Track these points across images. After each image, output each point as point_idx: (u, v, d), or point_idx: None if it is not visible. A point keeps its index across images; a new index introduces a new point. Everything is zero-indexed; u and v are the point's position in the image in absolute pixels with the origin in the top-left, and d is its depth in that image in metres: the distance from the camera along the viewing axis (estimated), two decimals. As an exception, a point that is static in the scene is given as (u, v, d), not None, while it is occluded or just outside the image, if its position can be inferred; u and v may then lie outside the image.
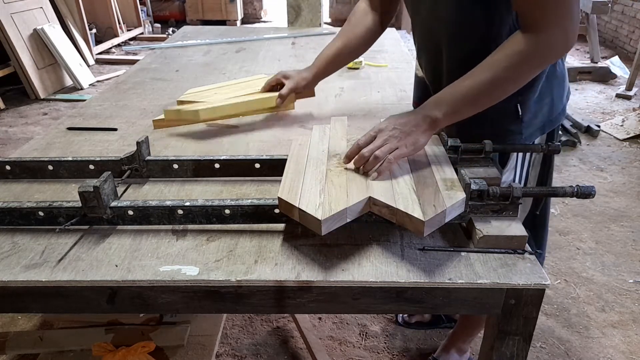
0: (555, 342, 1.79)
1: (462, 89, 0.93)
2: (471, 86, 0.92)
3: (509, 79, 0.92)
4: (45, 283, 0.78)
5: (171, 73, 1.89)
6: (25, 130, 3.67)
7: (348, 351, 1.75)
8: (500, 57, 0.91)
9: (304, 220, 0.83)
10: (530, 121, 1.09)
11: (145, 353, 1.46)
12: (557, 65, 1.11)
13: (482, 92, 0.92)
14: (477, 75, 0.92)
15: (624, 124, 3.61)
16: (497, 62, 0.91)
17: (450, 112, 0.93)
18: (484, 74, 0.91)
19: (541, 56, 0.90)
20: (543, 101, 1.09)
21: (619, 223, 2.51)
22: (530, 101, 1.08)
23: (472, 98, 0.93)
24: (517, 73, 0.92)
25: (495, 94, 0.94)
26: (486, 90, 0.92)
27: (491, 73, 0.91)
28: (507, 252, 0.83)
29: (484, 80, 0.91)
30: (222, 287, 0.79)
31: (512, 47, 0.90)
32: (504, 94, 0.94)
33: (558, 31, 0.88)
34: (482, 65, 0.92)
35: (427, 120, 0.93)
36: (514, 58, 0.89)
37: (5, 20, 3.94)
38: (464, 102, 0.93)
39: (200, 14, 7.08)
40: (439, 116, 0.93)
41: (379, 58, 2.06)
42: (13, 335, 1.58)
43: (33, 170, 1.07)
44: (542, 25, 0.87)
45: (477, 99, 0.93)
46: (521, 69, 0.91)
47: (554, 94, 1.11)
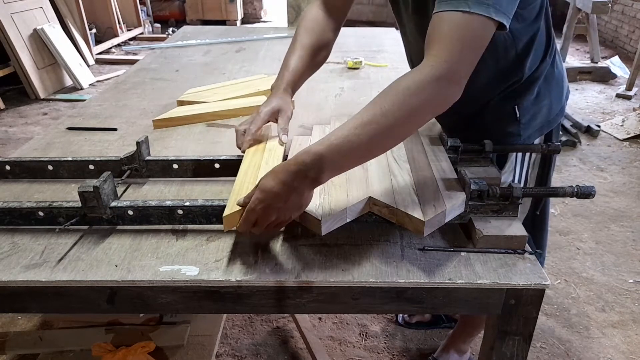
0: (556, 342, 1.79)
1: (352, 144, 0.76)
2: (363, 141, 0.76)
3: (405, 126, 0.79)
4: (45, 283, 0.78)
5: (171, 73, 1.89)
6: (25, 130, 3.66)
7: (348, 351, 1.75)
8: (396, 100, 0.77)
9: (304, 220, 0.83)
10: (529, 123, 1.09)
11: (145, 353, 1.46)
12: (555, 65, 1.11)
13: (374, 145, 0.79)
14: (369, 125, 0.77)
15: (624, 124, 3.61)
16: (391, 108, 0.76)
17: (334, 170, 0.79)
18: (377, 123, 0.76)
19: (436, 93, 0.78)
20: (541, 102, 1.09)
21: (619, 223, 2.51)
22: (528, 103, 1.08)
23: (362, 154, 0.80)
24: (412, 120, 0.79)
25: (388, 145, 0.82)
26: (378, 144, 0.79)
27: (385, 123, 0.76)
28: (507, 252, 0.83)
29: (377, 132, 0.76)
30: (222, 287, 0.79)
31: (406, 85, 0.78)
32: (397, 142, 0.83)
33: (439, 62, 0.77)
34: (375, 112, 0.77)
35: (307, 182, 0.78)
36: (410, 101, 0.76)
37: (5, 20, 3.94)
38: (352, 158, 0.79)
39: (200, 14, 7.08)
40: (322, 176, 0.78)
41: (379, 58, 2.05)
42: (13, 335, 1.58)
43: (33, 170, 1.07)
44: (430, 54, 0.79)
45: (367, 154, 0.81)
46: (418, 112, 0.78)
47: (552, 95, 1.11)
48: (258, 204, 0.77)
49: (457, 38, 0.78)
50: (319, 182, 0.78)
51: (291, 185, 0.77)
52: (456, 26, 0.78)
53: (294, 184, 0.77)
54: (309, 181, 0.77)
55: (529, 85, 1.07)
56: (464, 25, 0.78)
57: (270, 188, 0.77)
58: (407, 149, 1.03)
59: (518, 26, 0.99)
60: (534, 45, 1.03)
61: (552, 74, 1.10)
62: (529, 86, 1.07)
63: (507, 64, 1.05)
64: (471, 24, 0.78)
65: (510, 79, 1.07)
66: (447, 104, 0.80)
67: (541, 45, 1.05)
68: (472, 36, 0.79)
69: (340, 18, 1.20)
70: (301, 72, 1.13)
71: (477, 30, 0.79)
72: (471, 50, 0.79)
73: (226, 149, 1.23)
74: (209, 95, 1.54)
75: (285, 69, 1.12)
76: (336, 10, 1.18)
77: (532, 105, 1.08)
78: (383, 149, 0.82)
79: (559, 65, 1.13)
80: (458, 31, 0.78)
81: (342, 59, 1.97)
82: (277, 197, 0.77)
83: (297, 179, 0.77)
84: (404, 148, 1.04)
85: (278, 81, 1.12)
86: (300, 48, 1.15)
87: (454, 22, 0.78)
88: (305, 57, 1.14)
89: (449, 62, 0.77)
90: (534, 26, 1.01)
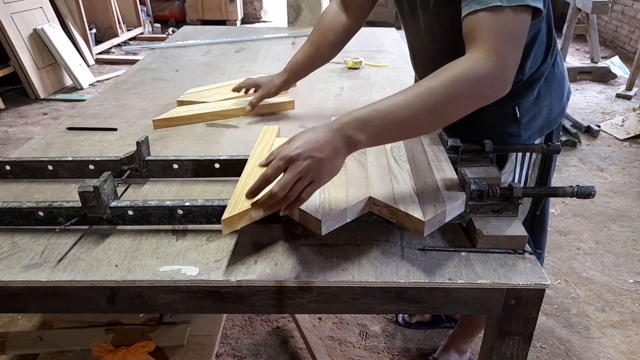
0: (556, 342, 1.79)
1: (395, 115, 0.76)
2: (406, 114, 0.76)
3: (449, 111, 0.80)
4: (45, 283, 0.78)
5: (171, 73, 1.89)
6: (25, 130, 3.66)
7: (348, 351, 1.75)
8: (444, 82, 0.78)
9: (304, 220, 0.83)
10: (529, 123, 1.09)
11: (145, 353, 1.46)
12: (556, 66, 1.11)
13: (416, 122, 0.78)
14: (414, 100, 0.77)
15: (624, 124, 3.60)
16: (438, 88, 0.77)
17: (374, 137, 0.77)
18: (422, 99, 0.77)
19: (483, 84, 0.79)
20: (542, 103, 1.09)
21: (619, 223, 2.51)
22: (529, 103, 1.07)
23: (403, 127, 0.78)
24: (456, 105, 0.80)
25: (429, 126, 0.82)
26: (420, 120, 0.79)
27: (430, 101, 0.77)
28: (507, 252, 0.83)
29: (421, 109, 0.77)
30: (222, 287, 0.79)
31: (455, 71, 0.79)
32: (438, 125, 0.84)
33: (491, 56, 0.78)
34: (422, 90, 0.78)
35: (347, 143, 0.75)
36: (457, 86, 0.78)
37: (5, 20, 3.94)
38: (393, 130, 0.78)
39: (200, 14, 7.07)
40: (361, 140, 0.76)
41: (379, 58, 2.05)
42: (13, 335, 1.58)
43: (33, 170, 1.07)
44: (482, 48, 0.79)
45: (408, 129, 0.80)
46: (463, 99, 0.79)
47: (553, 95, 1.11)
48: (295, 148, 0.71)
49: (501, 36, 0.79)
50: (356, 146, 0.76)
51: (332, 139, 0.73)
52: (496, 24, 0.80)
53: (334, 139, 0.74)
54: (348, 141, 0.75)
55: (529, 86, 1.06)
56: (504, 21, 0.79)
57: (311, 134, 0.73)
58: (407, 149, 1.03)
59: None
60: (535, 46, 1.03)
61: (553, 75, 1.09)
62: (530, 87, 1.07)
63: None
64: (510, 18, 0.79)
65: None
66: (493, 97, 0.82)
67: (542, 45, 1.05)
68: (513, 30, 0.80)
69: (357, 16, 1.27)
70: (301, 63, 1.32)
71: (515, 22, 0.80)
72: (516, 44, 0.81)
73: (226, 149, 1.23)
74: (209, 95, 1.54)
75: (292, 59, 1.34)
76: (352, 8, 1.26)
77: (533, 106, 1.08)
78: (422, 128, 0.82)
79: (560, 66, 1.12)
80: (500, 29, 0.80)
81: (342, 59, 1.97)
82: (316, 145, 0.72)
83: (337, 135, 0.74)
84: (404, 148, 1.04)
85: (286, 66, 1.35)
86: (307, 42, 1.31)
87: (493, 20, 0.80)
88: (308, 51, 1.30)
89: (498, 58, 0.78)
90: (535, 26, 1.01)
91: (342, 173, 0.92)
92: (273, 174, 0.72)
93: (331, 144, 0.73)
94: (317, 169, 0.72)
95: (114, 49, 5.67)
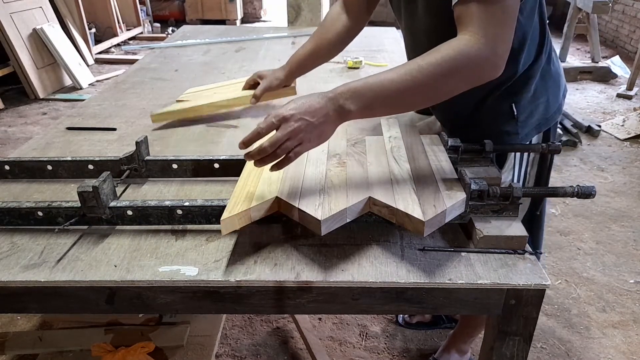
0: (556, 343, 1.79)
1: (385, 88, 0.81)
2: (396, 88, 0.81)
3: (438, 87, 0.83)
4: (44, 283, 0.78)
5: (171, 73, 1.88)
6: (24, 130, 3.66)
7: (348, 352, 1.74)
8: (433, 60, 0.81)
9: (304, 221, 0.82)
10: (526, 121, 1.08)
11: (144, 353, 1.46)
12: (551, 63, 1.10)
13: (405, 97, 0.83)
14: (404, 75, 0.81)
15: (624, 124, 3.60)
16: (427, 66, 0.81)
17: (364, 109, 0.82)
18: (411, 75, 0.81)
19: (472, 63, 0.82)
20: (538, 100, 1.09)
21: (619, 223, 2.51)
22: (525, 101, 1.07)
23: (393, 101, 0.83)
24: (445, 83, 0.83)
25: (418, 101, 0.86)
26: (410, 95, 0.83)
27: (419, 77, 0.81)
28: (508, 252, 0.82)
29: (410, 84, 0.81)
30: (222, 288, 0.78)
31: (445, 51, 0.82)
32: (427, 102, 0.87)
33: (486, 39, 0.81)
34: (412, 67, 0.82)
35: (338, 111, 0.81)
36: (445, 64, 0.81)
37: (5, 20, 3.94)
38: (383, 103, 0.83)
39: (200, 14, 7.07)
40: (352, 109, 0.81)
41: (379, 58, 2.05)
42: (13, 335, 1.58)
43: (32, 170, 1.07)
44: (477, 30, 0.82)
45: (397, 103, 0.85)
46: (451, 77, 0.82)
47: (550, 92, 1.10)
48: (289, 109, 0.78)
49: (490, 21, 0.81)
50: (347, 116, 0.82)
51: (325, 106, 0.80)
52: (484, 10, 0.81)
53: (327, 106, 0.80)
54: (340, 110, 0.81)
55: (525, 83, 1.06)
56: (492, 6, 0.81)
57: (305, 99, 0.80)
58: (407, 149, 1.03)
59: None
60: (528, 41, 1.03)
61: (549, 71, 1.09)
62: (526, 84, 1.06)
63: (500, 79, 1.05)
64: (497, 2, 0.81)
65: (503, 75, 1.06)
66: (485, 77, 0.85)
67: (534, 41, 1.05)
68: (502, 13, 0.82)
69: (356, 17, 1.28)
70: (304, 58, 1.33)
71: (504, 5, 0.82)
72: (505, 26, 0.83)
73: (226, 149, 1.23)
74: (208, 95, 1.54)
75: (294, 54, 1.35)
76: (351, 10, 1.27)
77: (529, 103, 1.08)
78: (411, 104, 0.87)
79: (556, 63, 1.12)
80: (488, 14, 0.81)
81: (342, 59, 1.97)
82: (309, 108, 0.79)
83: (330, 103, 0.80)
84: (404, 148, 1.04)
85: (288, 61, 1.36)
86: (310, 41, 1.32)
87: (481, 7, 0.81)
88: (310, 49, 1.31)
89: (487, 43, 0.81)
90: (528, 22, 1.01)
91: (342, 173, 0.92)
92: (265, 129, 0.79)
93: (323, 110, 0.80)
94: (307, 131, 0.79)
95: (113, 48, 5.67)
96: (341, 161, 0.98)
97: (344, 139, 1.08)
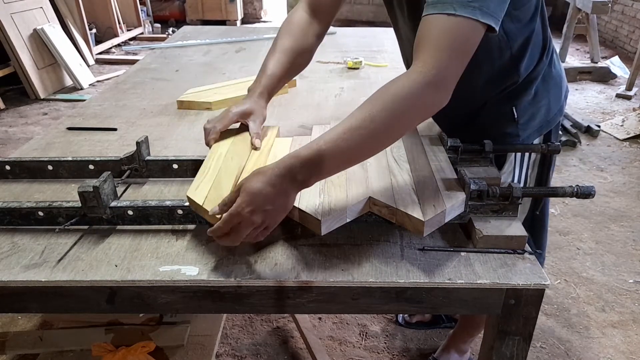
0: (556, 342, 1.79)
1: (339, 149, 0.76)
2: (350, 146, 0.77)
3: (393, 132, 0.80)
4: (44, 283, 0.78)
5: (171, 73, 1.89)
6: (25, 130, 3.66)
7: (348, 351, 1.75)
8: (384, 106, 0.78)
9: (304, 220, 0.83)
10: (527, 123, 1.09)
11: (145, 353, 1.46)
12: (553, 65, 1.11)
13: (362, 151, 0.79)
14: (357, 130, 0.77)
15: (624, 124, 3.60)
16: (378, 114, 0.77)
17: (323, 174, 0.79)
18: (365, 128, 0.77)
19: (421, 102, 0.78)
20: (540, 103, 1.09)
21: (619, 223, 2.51)
22: (526, 103, 1.07)
23: (351, 158, 0.80)
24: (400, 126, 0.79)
25: (375, 149, 0.81)
26: (366, 149, 0.80)
27: (372, 127, 0.77)
28: (507, 252, 0.83)
29: (364, 137, 0.77)
30: (222, 287, 0.79)
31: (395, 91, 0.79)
32: (385, 145, 0.83)
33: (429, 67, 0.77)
34: (364, 117, 0.77)
35: (296, 185, 0.77)
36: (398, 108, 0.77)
37: (5, 20, 3.94)
38: (340, 164, 0.79)
39: (200, 14, 7.07)
40: (310, 179, 0.78)
41: (379, 58, 2.05)
42: (13, 335, 1.58)
43: (33, 170, 1.07)
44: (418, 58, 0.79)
45: (355, 157, 0.81)
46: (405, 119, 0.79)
47: (551, 95, 1.10)
48: (245, 207, 0.73)
49: (444, 43, 0.78)
50: (307, 185, 0.78)
51: (280, 188, 0.75)
52: (443, 31, 0.78)
53: (282, 186, 0.75)
54: (297, 184, 0.77)
55: (526, 86, 1.06)
56: (450, 29, 0.78)
57: (259, 189, 0.74)
58: (407, 149, 1.03)
59: (512, 27, 0.99)
60: (530, 46, 1.03)
61: (550, 74, 1.09)
62: (527, 87, 1.07)
63: (502, 66, 1.04)
64: (458, 28, 0.77)
65: (506, 81, 1.06)
66: (435, 109, 0.81)
67: (537, 45, 1.05)
68: (459, 40, 0.78)
69: (325, 23, 1.16)
70: (279, 77, 1.09)
71: (464, 33, 0.78)
72: (459, 55, 0.79)
73: (226, 149, 1.23)
74: (209, 95, 1.54)
75: (263, 73, 1.09)
76: (322, 14, 1.14)
77: (530, 106, 1.08)
78: (372, 152, 0.82)
79: (557, 65, 1.12)
80: (445, 36, 0.78)
81: (342, 59, 1.97)
82: (265, 199, 0.74)
83: (286, 181, 0.75)
84: (404, 148, 1.04)
85: (255, 84, 1.09)
86: (280, 51, 1.10)
87: (440, 26, 0.78)
88: (284, 62, 1.09)
89: (437, 68, 0.77)
90: (529, 27, 1.01)
91: (342, 173, 0.92)
92: (225, 227, 0.75)
93: (280, 193, 0.75)
94: (270, 217, 0.76)
95: (114, 49, 5.67)
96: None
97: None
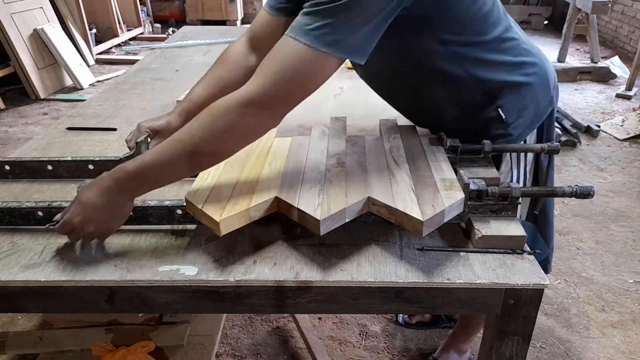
0: (555, 342, 1.79)
1: (159, 162, 0.80)
2: (168, 160, 0.80)
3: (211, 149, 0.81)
4: (44, 283, 0.78)
5: (171, 73, 1.89)
6: (25, 130, 3.66)
7: (348, 351, 1.75)
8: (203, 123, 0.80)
9: (303, 220, 0.83)
10: (517, 121, 1.06)
11: (145, 353, 1.46)
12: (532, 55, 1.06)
13: (180, 166, 0.81)
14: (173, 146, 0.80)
15: (624, 124, 3.60)
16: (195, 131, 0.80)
17: (149, 185, 0.83)
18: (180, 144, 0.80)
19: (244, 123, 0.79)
20: (526, 98, 1.05)
21: (618, 223, 2.51)
22: (512, 103, 1.04)
23: (171, 173, 0.83)
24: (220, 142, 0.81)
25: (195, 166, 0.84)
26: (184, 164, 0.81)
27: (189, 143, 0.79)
28: (506, 252, 0.83)
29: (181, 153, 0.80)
30: (221, 287, 0.79)
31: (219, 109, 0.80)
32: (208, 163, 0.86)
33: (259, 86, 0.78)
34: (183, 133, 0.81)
35: (125, 194, 0.82)
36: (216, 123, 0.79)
37: (5, 20, 3.94)
38: (162, 178, 0.83)
39: (200, 14, 7.07)
40: (138, 188, 0.82)
41: (379, 58, 2.05)
42: (13, 335, 1.58)
43: (32, 170, 1.07)
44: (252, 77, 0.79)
45: (175, 174, 0.84)
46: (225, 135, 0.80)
47: (536, 87, 1.06)
48: (75, 217, 0.80)
49: (278, 67, 0.78)
50: (137, 193, 0.83)
51: (111, 198, 0.81)
52: (283, 55, 0.78)
53: (113, 197, 0.81)
54: (129, 193, 0.82)
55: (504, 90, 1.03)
56: (291, 55, 0.77)
57: (88, 200, 0.80)
58: (406, 149, 1.03)
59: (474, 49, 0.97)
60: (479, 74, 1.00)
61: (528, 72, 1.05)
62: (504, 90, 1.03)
63: (474, 100, 1.04)
64: (299, 56, 0.77)
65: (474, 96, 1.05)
66: (258, 130, 0.83)
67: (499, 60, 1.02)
68: (297, 68, 0.77)
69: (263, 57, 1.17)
70: (200, 104, 1.07)
71: (305, 62, 0.77)
72: (289, 82, 0.78)
73: (226, 149, 1.23)
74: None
75: (189, 95, 1.11)
76: (259, 50, 1.10)
77: (516, 104, 1.04)
78: (196, 166, 0.84)
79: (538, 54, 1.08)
80: (282, 60, 0.78)
81: (341, 59, 1.97)
82: (94, 210, 0.80)
83: (115, 192, 0.81)
84: (403, 148, 1.04)
85: (181, 103, 1.11)
86: (210, 78, 1.13)
87: (283, 50, 0.78)
88: (210, 90, 1.11)
89: (259, 90, 0.78)
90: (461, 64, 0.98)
91: (341, 173, 0.92)
92: (62, 232, 0.82)
93: (111, 203, 0.81)
94: (103, 225, 0.82)
95: (114, 49, 5.67)
96: (340, 161, 0.98)
97: (343, 139, 1.08)
